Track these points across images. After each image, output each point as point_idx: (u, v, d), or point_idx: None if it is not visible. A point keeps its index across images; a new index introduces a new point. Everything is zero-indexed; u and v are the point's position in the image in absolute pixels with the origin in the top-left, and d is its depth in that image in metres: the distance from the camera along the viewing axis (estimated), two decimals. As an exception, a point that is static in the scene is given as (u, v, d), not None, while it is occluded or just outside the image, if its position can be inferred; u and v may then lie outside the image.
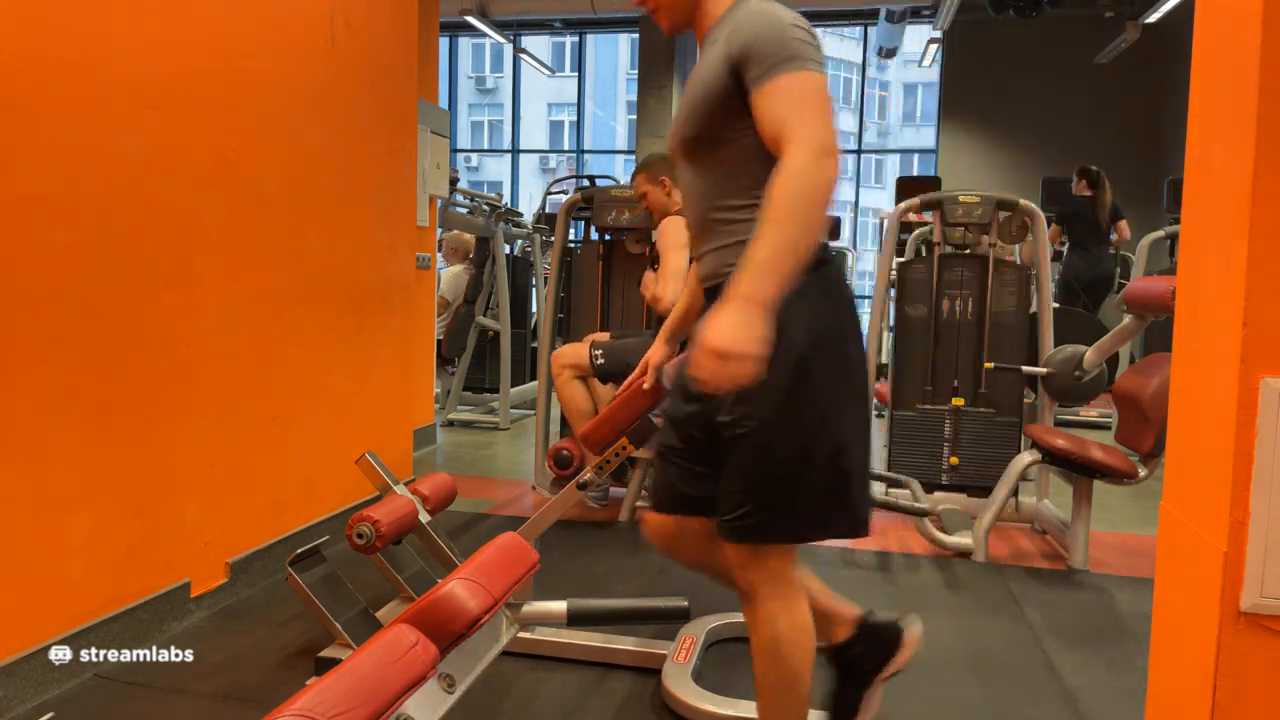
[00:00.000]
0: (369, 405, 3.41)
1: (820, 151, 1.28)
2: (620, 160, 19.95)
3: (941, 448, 3.72)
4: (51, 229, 1.99)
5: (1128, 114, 10.90)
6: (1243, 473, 0.85)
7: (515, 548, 1.22)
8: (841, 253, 8.95)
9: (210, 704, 2.00)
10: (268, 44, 2.71)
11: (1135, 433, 3.02)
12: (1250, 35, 0.85)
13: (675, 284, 3.28)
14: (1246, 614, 0.86)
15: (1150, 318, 3.07)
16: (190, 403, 2.44)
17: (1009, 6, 8.27)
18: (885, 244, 4.02)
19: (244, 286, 2.63)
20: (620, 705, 2.05)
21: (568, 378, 3.49)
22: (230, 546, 2.63)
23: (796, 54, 1.35)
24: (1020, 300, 3.70)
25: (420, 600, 1.02)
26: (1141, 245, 5.78)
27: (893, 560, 3.20)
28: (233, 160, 2.57)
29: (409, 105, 3.73)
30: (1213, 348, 0.92)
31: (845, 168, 26.69)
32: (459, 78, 17.60)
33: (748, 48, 1.36)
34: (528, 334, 6.41)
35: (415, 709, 0.93)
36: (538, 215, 6.98)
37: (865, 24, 12.64)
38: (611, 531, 3.45)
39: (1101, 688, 2.19)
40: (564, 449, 3.07)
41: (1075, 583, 3.01)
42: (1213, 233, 0.94)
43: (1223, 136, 0.92)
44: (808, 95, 1.33)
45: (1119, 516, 3.91)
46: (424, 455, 4.73)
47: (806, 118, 1.31)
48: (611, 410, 2.31)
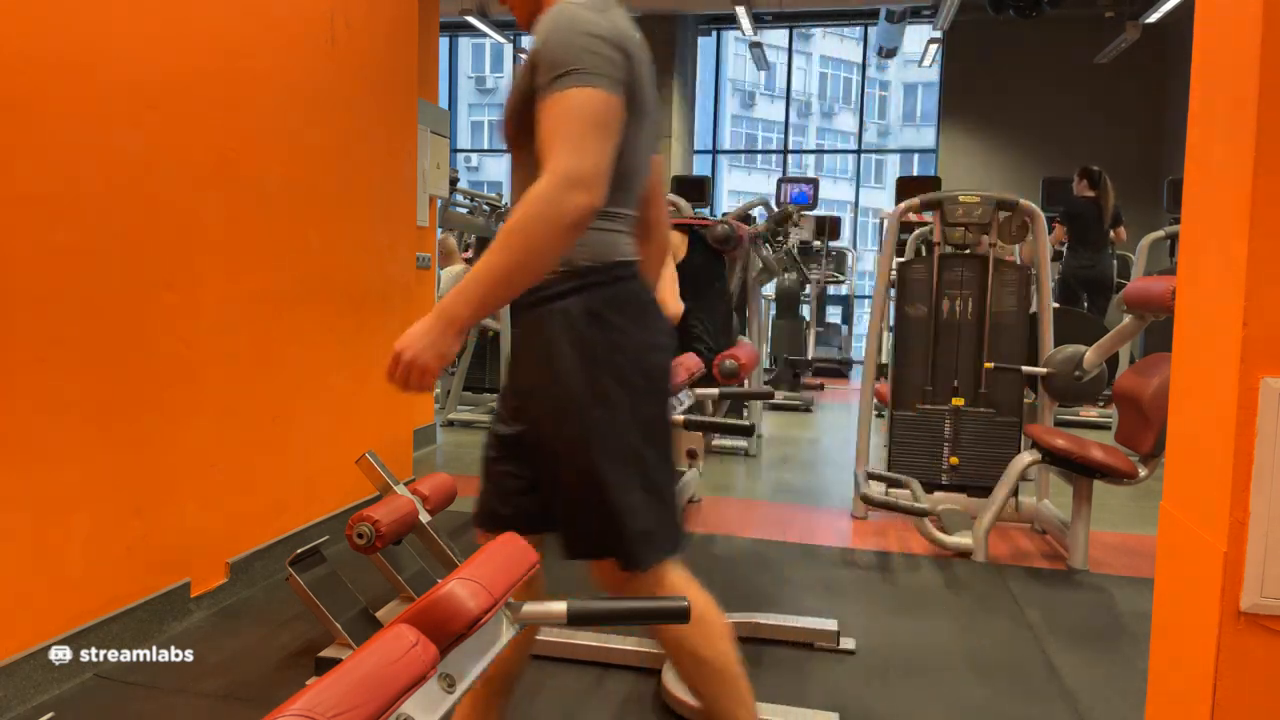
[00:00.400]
0: (369, 405, 3.41)
1: (565, 184, 1.21)
2: (620, 160, 19.89)
3: (941, 448, 3.72)
4: (52, 229, 1.99)
5: (1128, 114, 10.90)
6: (1243, 473, 0.85)
7: (515, 548, 1.22)
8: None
9: (210, 704, 2.00)
10: (268, 44, 2.71)
11: (1135, 433, 3.02)
12: (1250, 35, 0.85)
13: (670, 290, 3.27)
14: (1246, 614, 0.86)
15: (1150, 318, 3.07)
16: (190, 402, 2.44)
17: (1009, 6, 8.28)
18: (885, 244, 4.02)
19: (244, 286, 2.62)
20: (620, 705, 2.05)
21: None
22: (230, 546, 2.63)
23: (579, 67, 1.26)
24: (1020, 300, 3.70)
25: (420, 600, 1.02)
26: (1141, 245, 5.78)
27: (893, 560, 3.20)
28: (233, 160, 2.57)
29: (409, 105, 3.73)
30: (1213, 348, 0.92)
31: (846, 167, 26.64)
32: (459, 78, 17.59)
33: (538, 53, 1.30)
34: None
35: (415, 709, 0.93)
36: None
37: (865, 24, 12.64)
38: (611, 531, 3.45)
39: (1101, 688, 2.19)
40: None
41: (1075, 583, 3.01)
42: (1213, 232, 0.94)
43: (1223, 136, 0.92)
44: (571, 118, 1.24)
45: (1119, 516, 3.91)
46: (424, 455, 4.73)
47: (563, 144, 1.23)
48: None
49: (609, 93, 1.27)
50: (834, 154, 28.25)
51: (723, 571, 3.03)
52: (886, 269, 3.89)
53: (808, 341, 8.15)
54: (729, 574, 3.00)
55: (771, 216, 5.19)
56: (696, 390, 2.77)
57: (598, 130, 1.25)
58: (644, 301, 1.45)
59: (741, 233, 3.48)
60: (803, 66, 27.17)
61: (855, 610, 2.65)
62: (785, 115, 14.08)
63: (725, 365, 3.24)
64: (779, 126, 16.47)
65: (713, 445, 4.92)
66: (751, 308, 4.89)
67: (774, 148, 24.61)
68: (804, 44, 26.39)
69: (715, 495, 4.11)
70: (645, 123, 1.42)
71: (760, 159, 27.04)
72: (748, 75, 27.18)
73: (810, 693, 2.12)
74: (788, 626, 2.41)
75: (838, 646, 2.36)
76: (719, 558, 3.19)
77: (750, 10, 9.92)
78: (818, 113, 28.65)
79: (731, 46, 22.73)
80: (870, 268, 11.45)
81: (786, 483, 4.46)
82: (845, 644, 2.37)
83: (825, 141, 29.19)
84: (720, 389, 3.10)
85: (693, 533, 3.46)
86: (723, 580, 2.93)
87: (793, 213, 5.13)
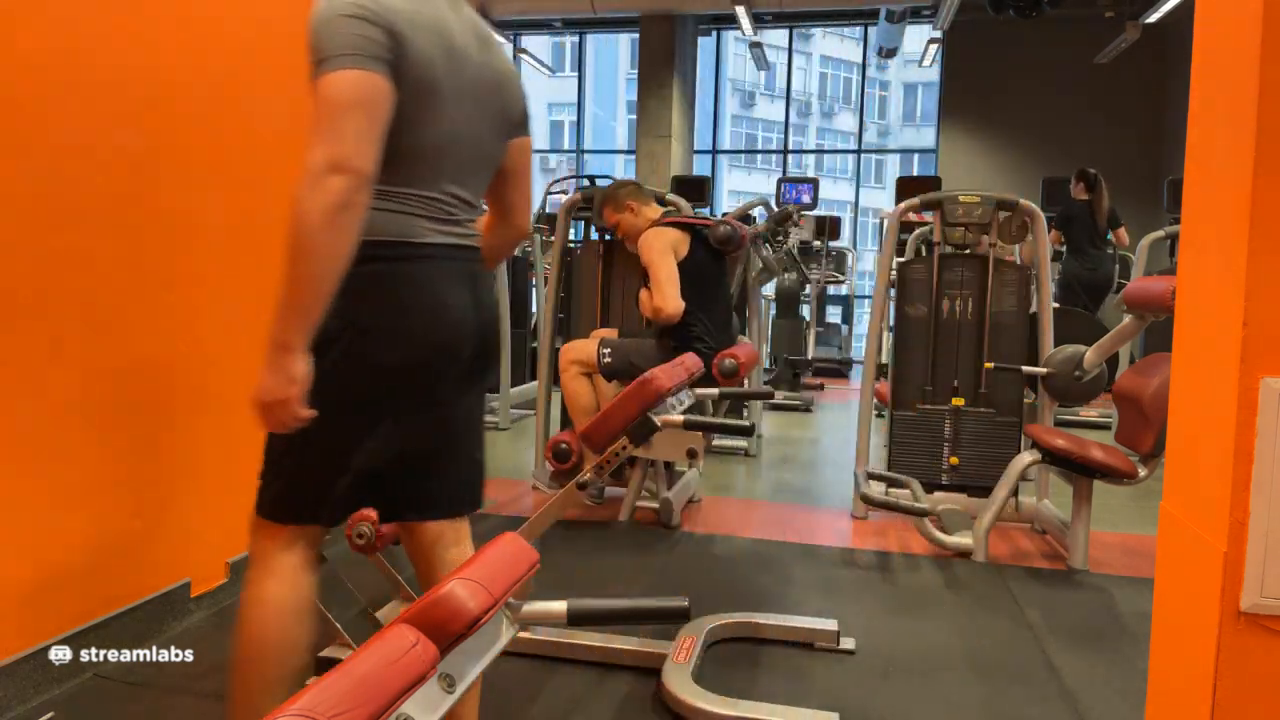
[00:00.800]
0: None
1: (318, 172, 1.21)
2: (620, 160, 19.94)
3: (941, 448, 3.72)
4: (52, 229, 1.99)
5: (1128, 114, 10.91)
6: (1243, 473, 0.85)
7: (515, 548, 1.22)
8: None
9: (210, 704, 1.99)
10: (268, 44, 2.71)
11: (1135, 433, 3.02)
12: (1250, 35, 0.85)
13: (670, 289, 3.27)
14: (1246, 614, 0.86)
15: (1150, 318, 3.07)
16: (190, 402, 2.44)
17: (1009, 6, 8.28)
18: (885, 244, 4.02)
19: (244, 286, 2.62)
20: (620, 705, 2.05)
21: (574, 373, 3.48)
22: (230, 546, 2.62)
23: (331, 52, 1.26)
24: (1020, 300, 3.70)
25: (420, 600, 1.02)
26: (1141, 245, 5.79)
27: (893, 560, 3.20)
28: (233, 160, 2.57)
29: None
30: (1213, 348, 0.92)
31: (846, 167, 26.58)
32: (459, 78, 17.53)
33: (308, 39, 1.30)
34: (528, 334, 6.41)
35: (415, 709, 0.93)
36: (538, 215, 6.99)
37: (865, 24, 12.64)
38: (611, 531, 3.45)
39: (1101, 688, 2.19)
40: (563, 442, 3.07)
41: (1075, 583, 3.01)
42: (1213, 233, 0.94)
43: (1223, 136, 0.92)
44: (325, 104, 1.24)
45: (1119, 516, 3.91)
46: (424, 455, 4.72)
47: (317, 133, 1.23)
48: (610, 409, 2.31)
49: (364, 70, 1.26)
50: (834, 154, 28.26)
51: (723, 571, 3.04)
52: (886, 269, 3.89)
53: (808, 341, 8.15)
54: (729, 574, 3.00)
55: (771, 216, 5.18)
56: (696, 390, 2.77)
57: (351, 110, 1.25)
58: (394, 285, 1.40)
59: (744, 234, 3.47)
60: (803, 66, 27.17)
61: (855, 610, 2.66)
62: (785, 115, 14.08)
63: (724, 364, 3.24)
64: (779, 126, 16.47)
65: (713, 445, 4.92)
66: (751, 308, 4.89)
67: (774, 148, 24.61)
68: (804, 44, 26.39)
69: (715, 495, 4.11)
70: (436, 100, 1.39)
71: (760, 159, 27.05)
72: (748, 75, 27.18)
73: (810, 693, 2.12)
74: (788, 626, 2.41)
75: (838, 646, 2.36)
76: (719, 558, 3.19)
77: (750, 10, 9.93)
78: (818, 113, 28.66)
79: (731, 46, 22.73)
80: (870, 268, 11.45)
81: (786, 483, 4.46)
82: (845, 644, 2.37)
83: (825, 141, 29.20)
84: (720, 389, 3.10)
85: (692, 532, 3.47)
86: (723, 580, 2.94)
87: (793, 212, 5.13)
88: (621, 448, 2.26)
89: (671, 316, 3.27)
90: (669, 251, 3.31)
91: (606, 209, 3.55)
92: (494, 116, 1.54)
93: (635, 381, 2.31)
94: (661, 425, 2.25)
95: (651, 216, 3.50)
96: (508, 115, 1.59)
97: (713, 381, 3.25)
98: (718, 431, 2.40)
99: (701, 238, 3.41)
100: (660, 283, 3.27)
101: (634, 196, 3.51)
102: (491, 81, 1.52)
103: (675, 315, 3.27)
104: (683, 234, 3.37)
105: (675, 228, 3.39)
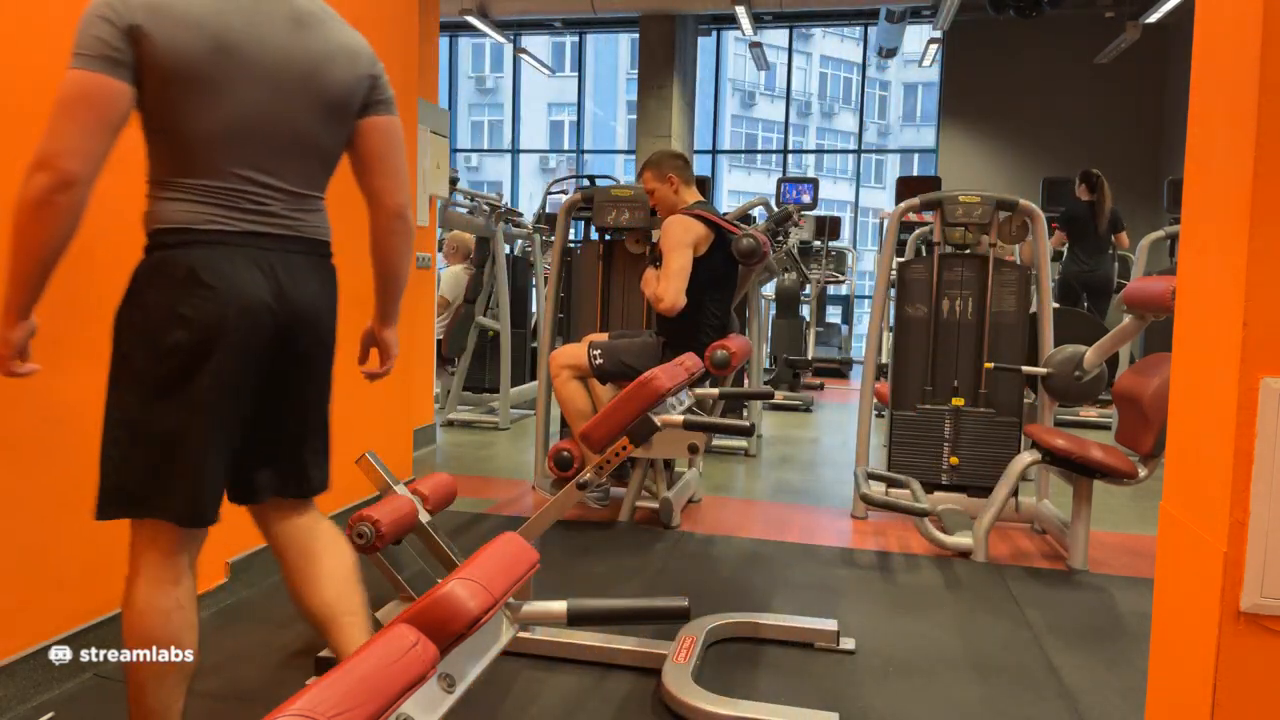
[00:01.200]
0: (369, 405, 3.41)
1: (29, 171, 1.28)
2: (620, 160, 19.96)
3: (941, 448, 3.72)
4: (51, 229, 1.99)
5: (1128, 114, 10.91)
6: (1243, 473, 0.85)
7: (515, 548, 1.22)
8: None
9: (210, 704, 1.99)
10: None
11: (1135, 433, 3.03)
12: (1250, 35, 0.85)
13: (677, 283, 3.26)
14: (1246, 614, 0.86)
15: (1150, 318, 3.07)
16: (190, 403, 2.44)
17: (1009, 6, 8.29)
18: (885, 244, 4.02)
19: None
20: (620, 705, 2.05)
21: (566, 378, 3.48)
22: (230, 546, 2.62)
23: (74, 50, 1.32)
24: (1020, 300, 3.70)
25: (420, 600, 1.02)
26: (1141, 245, 5.79)
27: (893, 560, 3.20)
28: None
29: (409, 105, 3.73)
30: (1213, 348, 0.92)
31: (846, 167, 26.58)
32: (459, 78, 17.59)
33: None
34: (528, 334, 6.41)
35: (415, 709, 0.93)
36: (538, 215, 6.99)
37: (865, 24, 12.65)
38: (611, 531, 3.45)
39: (1101, 688, 2.19)
40: (564, 450, 3.07)
41: (1075, 583, 3.01)
42: (1213, 233, 0.94)
43: (1223, 136, 0.92)
44: (54, 105, 1.31)
45: (1119, 516, 3.91)
46: (424, 455, 4.73)
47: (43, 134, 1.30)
48: (610, 409, 2.31)
49: (89, 71, 1.31)
50: (834, 154, 28.27)
51: (723, 571, 3.04)
52: (886, 269, 3.89)
53: (808, 341, 8.16)
54: (729, 574, 3.00)
55: (771, 216, 5.18)
56: (696, 390, 2.77)
57: (69, 111, 1.30)
58: (174, 269, 1.44)
59: (766, 249, 3.43)
60: (803, 66, 27.19)
61: (855, 610, 2.66)
62: (785, 115, 14.08)
63: (716, 355, 3.22)
64: (779, 126, 16.47)
65: (713, 445, 4.92)
66: (751, 308, 4.89)
67: (774, 148, 24.63)
68: (804, 44, 26.40)
69: (715, 495, 4.11)
70: (207, 88, 1.41)
71: (760, 159, 27.06)
72: (748, 75, 27.20)
73: (810, 693, 2.12)
74: (787, 626, 2.41)
75: (837, 646, 2.36)
76: (719, 558, 3.19)
77: (750, 10, 9.93)
78: (818, 113, 28.67)
79: (731, 46, 22.76)
80: (870, 268, 11.46)
81: (786, 483, 4.46)
82: (845, 644, 2.37)
83: (825, 141, 29.20)
84: (721, 389, 3.09)
85: (692, 532, 3.47)
86: (723, 580, 2.94)
87: (793, 213, 5.12)
88: (621, 447, 2.26)
89: (669, 309, 3.26)
90: (690, 246, 3.28)
91: (648, 172, 3.49)
92: (308, 98, 1.51)
93: (635, 381, 2.31)
94: (662, 425, 2.25)
95: (688, 200, 3.47)
96: (328, 96, 1.54)
97: (714, 381, 3.24)
98: (717, 431, 2.40)
99: (724, 241, 3.38)
100: (670, 273, 3.25)
101: (680, 172, 3.46)
102: (303, 63, 1.49)
103: (674, 308, 3.26)
104: (708, 232, 3.34)
105: (705, 224, 3.36)
